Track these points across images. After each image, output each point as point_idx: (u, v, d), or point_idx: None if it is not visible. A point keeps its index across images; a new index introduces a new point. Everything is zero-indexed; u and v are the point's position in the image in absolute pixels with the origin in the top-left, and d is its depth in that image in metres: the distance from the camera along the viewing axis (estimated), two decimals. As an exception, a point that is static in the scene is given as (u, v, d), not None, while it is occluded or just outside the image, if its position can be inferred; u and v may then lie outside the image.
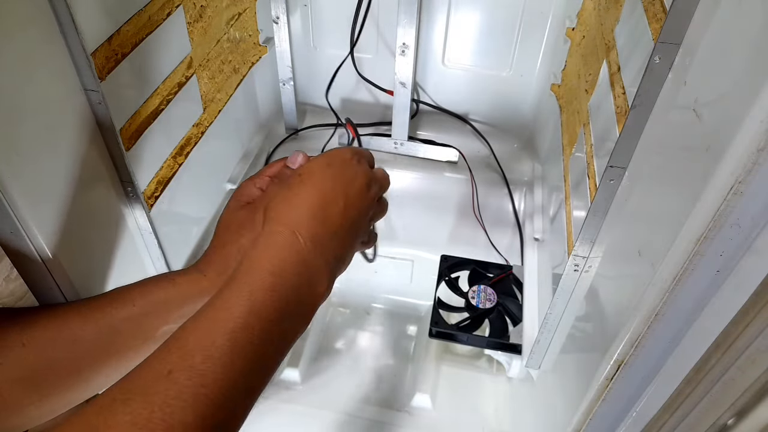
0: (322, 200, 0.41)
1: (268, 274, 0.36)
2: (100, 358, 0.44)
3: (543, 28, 0.98)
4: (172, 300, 0.46)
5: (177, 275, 0.47)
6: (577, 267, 0.56)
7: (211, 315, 0.34)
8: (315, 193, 0.42)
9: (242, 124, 1.02)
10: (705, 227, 0.34)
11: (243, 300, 0.35)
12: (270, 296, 0.36)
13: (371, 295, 1.05)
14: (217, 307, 0.35)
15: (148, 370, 0.32)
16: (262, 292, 0.35)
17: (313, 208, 0.41)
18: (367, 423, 0.88)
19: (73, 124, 0.50)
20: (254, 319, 0.34)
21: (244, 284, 0.36)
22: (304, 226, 0.40)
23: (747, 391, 0.39)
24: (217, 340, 0.33)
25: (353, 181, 0.44)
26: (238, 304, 0.35)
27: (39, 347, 0.42)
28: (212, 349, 0.32)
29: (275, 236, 0.39)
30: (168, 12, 0.64)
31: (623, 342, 0.43)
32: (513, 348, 0.79)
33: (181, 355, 0.32)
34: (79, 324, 0.43)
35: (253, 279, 0.36)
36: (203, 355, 0.32)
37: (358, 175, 0.45)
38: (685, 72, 0.40)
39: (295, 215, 0.40)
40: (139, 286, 0.46)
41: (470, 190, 1.02)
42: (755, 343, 0.36)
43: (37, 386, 0.41)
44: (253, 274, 0.36)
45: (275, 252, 0.38)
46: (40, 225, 0.47)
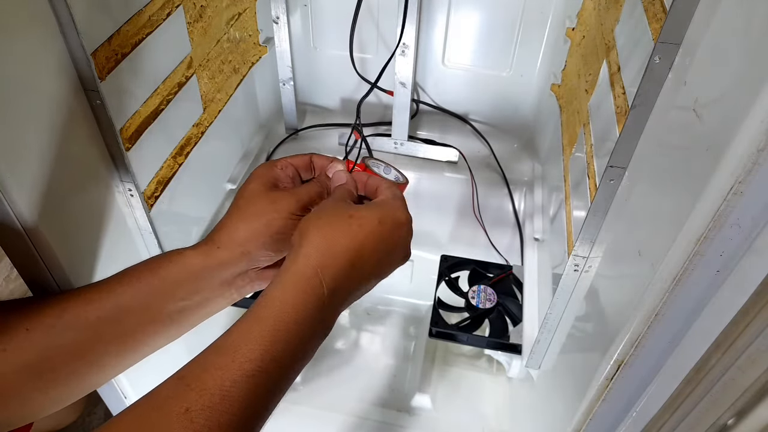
0: (359, 256, 0.41)
1: (293, 323, 0.37)
2: (104, 339, 0.43)
3: (543, 28, 0.98)
4: (180, 277, 0.45)
5: (187, 249, 0.46)
6: (577, 267, 0.56)
7: (231, 354, 0.35)
8: (356, 247, 0.41)
9: (242, 124, 1.02)
10: (705, 227, 0.34)
11: (265, 347, 0.35)
12: (289, 345, 0.36)
13: (371, 295, 1.04)
14: (240, 345, 0.35)
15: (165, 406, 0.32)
16: (284, 341, 0.36)
17: (349, 262, 0.41)
18: (367, 423, 0.88)
19: (73, 124, 0.50)
20: (272, 366, 0.35)
21: (269, 329, 0.36)
22: (331, 278, 0.39)
23: (747, 391, 0.39)
24: (238, 381, 0.33)
25: (395, 247, 0.44)
26: (260, 348, 0.35)
27: (42, 332, 0.41)
28: (232, 390, 0.33)
29: (305, 282, 0.39)
30: (168, 12, 0.64)
31: (623, 342, 0.43)
32: (513, 348, 0.79)
33: (200, 392, 0.32)
34: (82, 305, 0.43)
35: (276, 325, 0.36)
36: (221, 395, 0.32)
37: (403, 239, 0.45)
38: (685, 72, 0.40)
39: (329, 263, 0.40)
40: (147, 263, 0.46)
41: (470, 190, 1.02)
42: (755, 343, 0.36)
43: (42, 372, 0.41)
44: (278, 319, 0.36)
45: (302, 300, 0.38)
46: (40, 224, 0.47)
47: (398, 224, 0.44)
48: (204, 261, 0.45)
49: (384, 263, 0.44)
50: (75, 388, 0.43)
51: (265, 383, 0.34)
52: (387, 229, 0.43)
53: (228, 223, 0.47)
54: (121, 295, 0.44)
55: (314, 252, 0.40)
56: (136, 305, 0.44)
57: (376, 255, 0.42)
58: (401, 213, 0.45)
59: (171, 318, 0.45)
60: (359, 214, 0.43)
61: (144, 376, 0.68)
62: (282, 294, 0.38)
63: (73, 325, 0.42)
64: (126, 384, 0.65)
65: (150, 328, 0.44)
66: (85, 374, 0.43)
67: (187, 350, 0.85)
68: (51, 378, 0.42)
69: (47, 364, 0.41)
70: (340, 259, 0.40)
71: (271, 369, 0.35)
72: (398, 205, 0.46)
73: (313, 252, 0.40)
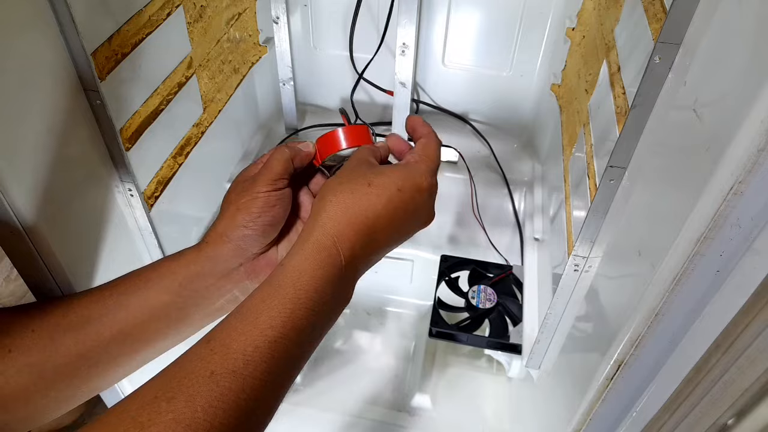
0: (376, 225, 0.41)
1: (313, 291, 0.37)
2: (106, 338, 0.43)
3: (543, 28, 0.98)
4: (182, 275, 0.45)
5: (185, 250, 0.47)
6: (577, 267, 0.56)
7: (253, 319, 0.35)
8: (374, 215, 0.41)
9: (242, 124, 1.02)
10: (705, 227, 0.34)
11: (287, 313, 0.35)
12: (309, 313, 0.36)
13: (371, 295, 1.05)
14: (261, 312, 0.35)
15: (191, 368, 0.32)
16: (304, 309, 0.36)
17: (366, 230, 0.40)
18: (367, 423, 0.88)
19: (73, 124, 0.50)
20: (293, 333, 0.35)
21: (289, 297, 0.36)
22: (348, 247, 0.39)
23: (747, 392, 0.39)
24: (260, 346, 0.33)
25: (414, 214, 0.43)
26: (282, 315, 0.35)
27: (47, 332, 0.41)
28: (255, 355, 0.33)
29: (323, 252, 0.39)
30: (168, 12, 0.64)
31: (623, 342, 0.43)
32: (513, 348, 0.79)
33: (224, 355, 0.33)
34: (85, 305, 0.43)
35: (298, 294, 0.36)
36: (245, 360, 0.33)
37: (423, 206, 0.44)
38: (685, 72, 0.40)
39: (347, 232, 0.40)
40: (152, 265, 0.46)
41: (470, 190, 1.02)
42: (755, 343, 0.36)
43: (44, 372, 0.41)
44: (299, 288, 0.37)
45: (321, 269, 0.38)
46: (40, 224, 0.47)
47: (419, 190, 0.43)
48: (196, 258, 0.45)
49: (402, 231, 0.43)
50: (78, 390, 0.43)
51: (286, 349, 0.34)
52: (407, 197, 0.42)
53: (214, 223, 0.48)
54: (125, 296, 0.44)
55: (331, 222, 0.40)
56: (140, 307, 0.44)
57: (394, 223, 0.42)
58: (423, 179, 0.44)
59: (175, 320, 0.45)
60: (378, 181, 0.42)
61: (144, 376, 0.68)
62: (300, 263, 0.38)
63: (76, 326, 0.42)
64: (126, 384, 0.65)
65: (153, 329, 0.45)
66: (88, 376, 0.43)
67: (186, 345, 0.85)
68: (52, 379, 0.42)
69: (49, 364, 0.41)
70: (358, 229, 0.40)
71: (292, 336, 0.35)
72: (422, 170, 0.44)
73: (330, 222, 0.40)
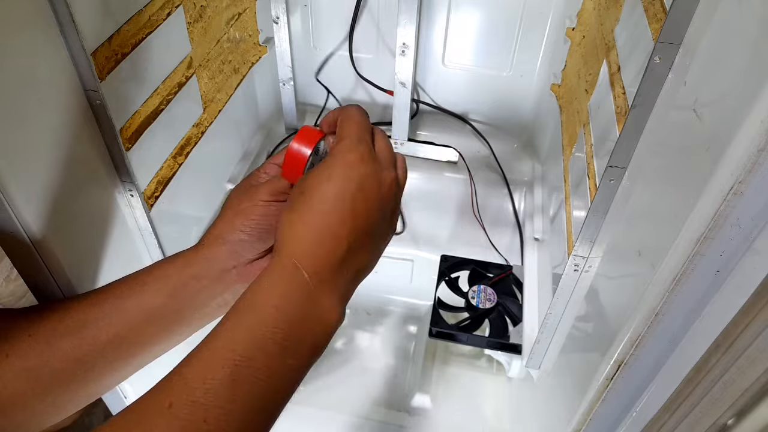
0: (325, 224, 0.38)
1: (273, 308, 0.35)
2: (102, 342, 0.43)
3: (543, 28, 0.98)
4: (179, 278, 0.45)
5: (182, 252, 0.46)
6: (577, 267, 0.56)
7: (212, 347, 0.34)
8: (317, 217, 0.38)
9: (242, 124, 1.02)
10: (705, 227, 0.34)
11: (244, 333, 0.34)
12: (272, 332, 0.34)
13: (371, 295, 1.05)
14: (219, 338, 0.34)
15: (150, 402, 0.31)
16: (264, 327, 0.34)
17: (317, 235, 0.37)
18: (367, 423, 0.88)
19: (73, 124, 0.50)
20: (257, 354, 0.33)
21: (246, 318, 0.35)
22: (308, 258, 0.37)
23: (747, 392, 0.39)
24: (218, 373, 0.32)
25: (360, 190, 0.38)
26: (240, 337, 0.33)
27: (44, 337, 0.41)
28: (214, 383, 0.31)
29: (279, 270, 0.37)
30: (168, 12, 0.64)
31: (623, 342, 0.43)
32: (513, 348, 0.79)
33: (182, 387, 0.31)
34: (82, 309, 0.43)
35: (255, 314, 0.35)
36: (204, 389, 0.31)
37: (365, 177, 0.39)
38: (685, 72, 0.40)
39: (299, 245, 0.37)
40: (149, 268, 0.45)
41: (470, 190, 1.02)
42: (755, 343, 0.36)
43: (41, 377, 0.41)
44: (256, 308, 0.35)
45: (279, 287, 0.36)
46: (40, 225, 0.47)
47: (349, 165, 0.38)
48: (192, 260, 0.45)
49: (359, 212, 0.38)
50: (75, 395, 0.43)
51: (252, 373, 0.32)
52: (340, 179, 0.38)
53: (212, 225, 0.47)
54: (121, 300, 0.43)
55: (281, 246, 0.38)
56: (136, 310, 0.43)
57: (344, 209, 0.38)
58: (348, 153, 0.39)
59: (171, 322, 0.45)
60: (307, 185, 0.39)
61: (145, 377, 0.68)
62: (257, 285, 0.37)
63: (73, 330, 0.42)
64: (126, 385, 0.65)
65: (149, 333, 0.44)
66: (85, 381, 0.43)
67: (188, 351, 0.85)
68: (49, 384, 0.41)
69: (46, 369, 0.41)
70: (308, 236, 0.37)
71: (258, 357, 0.33)
72: (343, 148, 0.39)
73: (281, 246, 0.38)
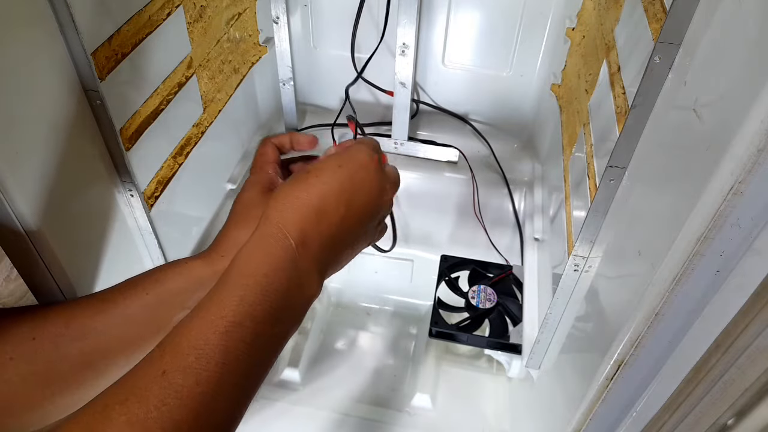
0: (322, 203, 0.40)
1: (262, 275, 0.36)
2: (112, 349, 0.43)
3: (543, 28, 0.98)
4: (187, 285, 0.45)
5: (192, 260, 0.47)
6: (577, 267, 0.56)
7: (203, 315, 0.34)
8: (317, 195, 0.40)
9: (242, 124, 1.02)
10: (705, 227, 0.34)
11: (235, 300, 0.35)
12: (261, 298, 0.35)
13: (371, 295, 1.05)
14: (210, 306, 0.35)
15: (143, 372, 0.32)
16: (253, 294, 0.35)
17: (312, 210, 0.40)
18: (367, 423, 0.88)
19: (73, 124, 0.50)
20: (247, 320, 0.34)
21: (237, 285, 0.35)
22: (296, 228, 0.39)
23: (747, 391, 0.39)
24: (211, 339, 0.33)
25: (362, 188, 0.43)
26: (231, 304, 0.34)
27: (49, 341, 0.41)
28: (206, 348, 0.32)
29: (268, 238, 0.38)
30: (168, 12, 0.64)
31: (623, 342, 0.43)
32: (513, 348, 0.79)
33: (175, 354, 0.32)
34: (89, 315, 0.43)
35: (245, 280, 0.36)
36: (196, 354, 0.32)
37: (370, 180, 0.43)
38: (685, 72, 0.40)
39: (291, 216, 0.39)
40: (153, 274, 0.46)
41: (470, 190, 1.02)
42: (755, 343, 0.36)
43: (50, 381, 0.41)
44: (246, 275, 0.36)
45: (267, 254, 0.37)
46: (40, 224, 0.47)
47: (360, 164, 0.43)
48: (208, 271, 0.46)
49: (355, 206, 0.42)
50: (82, 395, 0.43)
51: (242, 338, 0.34)
52: (349, 171, 0.42)
53: (228, 232, 0.47)
54: (128, 307, 0.44)
55: (274, 212, 0.39)
56: (143, 317, 0.44)
57: (342, 196, 0.41)
58: (363, 154, 0.44)
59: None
60: (316, 166, 0.42)
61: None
62: (246, 253, 0.37)
63: (81, 336, 0.42)
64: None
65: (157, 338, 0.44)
66: (92, 384, 0.43)
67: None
68: (59, 387, 0.42)
69: (55, 373, 0.41)
70: (303, 212, 0.39)
71: (246, 323, 0.34)
72: (361, 148, 0.44)
73: (273, 212, 0.39)
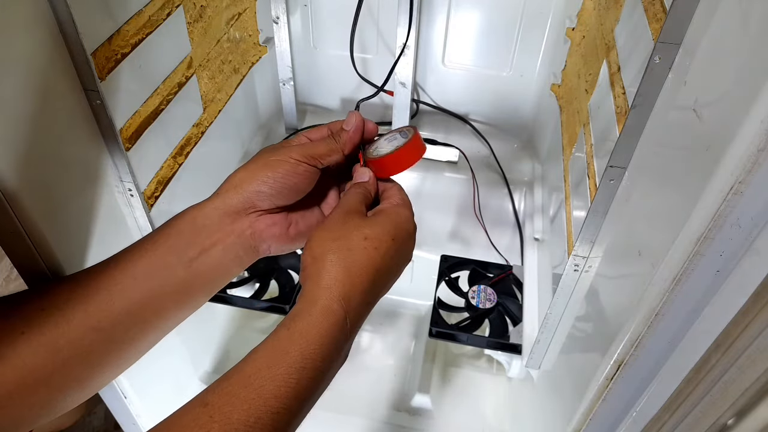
0: (376, 278, 0.41)
1: (320, 359, 0.37)
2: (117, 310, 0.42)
3: (543, 28, 0.98)
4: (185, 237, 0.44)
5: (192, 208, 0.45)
6: (577, 267, 0.56)
7: (256, 388, 0.34)
8: (374, 269, 0.41)
9: (242, 124, 1.02)
10: (705, 227, 0.34)
11: (292, 385, 0.35)
12: (314, 383, 0.36)
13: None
14: (264, 380, 0.35)
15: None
16: (309, 379, 0.36)
17: (369, 285, 0.40)
18: (367, 423, 0.88)
19: (72, 124, 0.50)
20: (296, 403, 0.35)
21: (294, 368, 0.36)
22: (353, 306, 0.39)
23: (747, 391, 0.39)
24: (262, 417, 0.33)
25: (405, 258, 0.44)
26: (287, 386, 0.35)
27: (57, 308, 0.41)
28: (257, 426, 0.33)
29: (332, 316, 0.38)
30: (168, 12, 0.64)
31: (623, 342, 0.43)
32: (513, 348, 0.79)
33: (224, 426, 0.33)
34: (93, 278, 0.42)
35: (304, 363, 0.36)
36: (245, 430, 0.33)
37: (410, 251, 0.45)
38: (685, 72, 0.40)
39: (351, 292, 0.39)
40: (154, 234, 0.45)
41: (470, 190, 1.02)
42: (755, 343, 0.36)
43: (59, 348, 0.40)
44: (305, 356, 0.36)
45: (329, 334, 0.38)
46: (40, 224, 0.47)
47: (409, 236, 0.44)
48: (201, 208, 0.45)
49: (396, 277, 0.44)
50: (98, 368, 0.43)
51: (288, 420, 0.35)
52: (400, 245, 0.43)
53: (231, 174, 0.47)
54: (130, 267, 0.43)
55: (336, 284, 0.39)
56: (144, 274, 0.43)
57: (391, 272, 0.43)
58: (410, 224, 0.45)
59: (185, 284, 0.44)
60: (373, 234, 0.42)
61: (143, 376, 0.68)
62: (308, 329, 0.38)
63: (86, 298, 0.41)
64: (126, 384, 0.65)
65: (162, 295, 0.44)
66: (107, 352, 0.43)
67: (187, 351, 0.85)
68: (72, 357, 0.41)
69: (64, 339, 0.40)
70: (363, 289, 0.40)
71: (295, 406, 0.35)
72: (408, 215, 0.45)
73: (336, 284, 0.39)
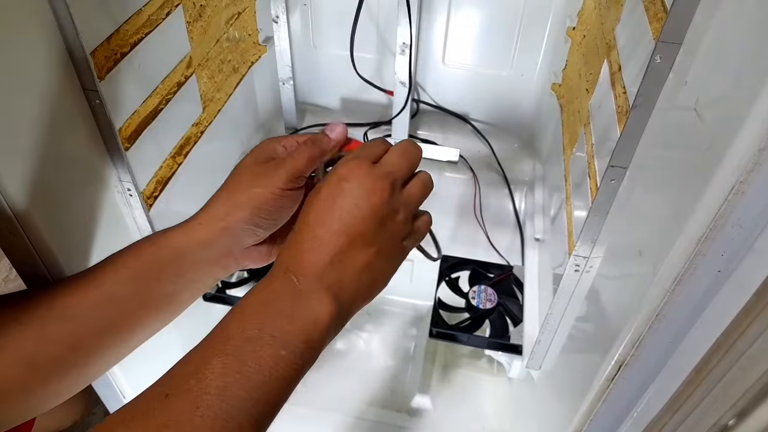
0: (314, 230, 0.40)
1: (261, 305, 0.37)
2: (98, 329, 0.43)
3: (543, 28, 0.98)
4: (164, 256, 0.44)
5: (170, 230, 0.45)
6: (578, 267, 0.56)
7: (205, 343, 0.35)
8: (303, 218, 0.40)
9: (242, 124, 1.02)
10: (706, 227, 0.34)
11: (235, 329, 0.35)
12: (260, 325, 0.36)
13: (371, 295, 1.05)
14: (212, 337, 0.35)
15: (149, 393, 0.33)
16: (253, 322, 0.36)
17: (305, 233, 0.40)
18: (367, 424, 0.88)
19: (71, 124, 0.50)
20: (247, 345, 0.34)
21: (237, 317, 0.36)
22: (297, 264, 0.39)
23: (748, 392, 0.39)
24: (210, 363, 0.33)
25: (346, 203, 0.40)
26: (231, 333, 0.35)
27: (35, 324, 0.41)
28: (207, 371, 0.33)
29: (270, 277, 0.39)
30: (167, 11, 0.64)
31: (624, 342, 0.43)
32: (513, 348, 0.79)
33: (179, 378, 0.33)
34: (71, 295, 0.42)
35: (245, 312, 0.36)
36: (197, 378, 0.32)
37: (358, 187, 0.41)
38: (686, 71, 0.40)
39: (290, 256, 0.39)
40: (131, 248, 0.45)
41: (470, 190, 1.02)
42: (756, 344, 0.36)
43: (40, 364, 0.41)
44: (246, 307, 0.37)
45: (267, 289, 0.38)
46: (39, 224, 0.47)
47: (340, 178, 0.41)
48: (185, 239, 0.44)
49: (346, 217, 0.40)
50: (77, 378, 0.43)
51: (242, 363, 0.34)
52: (331, 191, 0.40)
53: (212, 199, 0.46)
54: (108, 284, 0.43)
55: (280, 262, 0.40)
56: (124, 292, 0.43)
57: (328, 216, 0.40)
58: (342, 168, 0.41)
59: (160, 302, 0.45)
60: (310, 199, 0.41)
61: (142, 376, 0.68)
62: (250, 291, 0.38)
63: (65, 318, 0.42)
64: (124, 383, 0.65)
65: (141, 313, 0.44)
66: (86, 364, 0.43)
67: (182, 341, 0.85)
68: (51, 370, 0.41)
69: (44, 356, 0.41)
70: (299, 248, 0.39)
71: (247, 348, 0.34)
72: (343, 162, 0.42)
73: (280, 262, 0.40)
